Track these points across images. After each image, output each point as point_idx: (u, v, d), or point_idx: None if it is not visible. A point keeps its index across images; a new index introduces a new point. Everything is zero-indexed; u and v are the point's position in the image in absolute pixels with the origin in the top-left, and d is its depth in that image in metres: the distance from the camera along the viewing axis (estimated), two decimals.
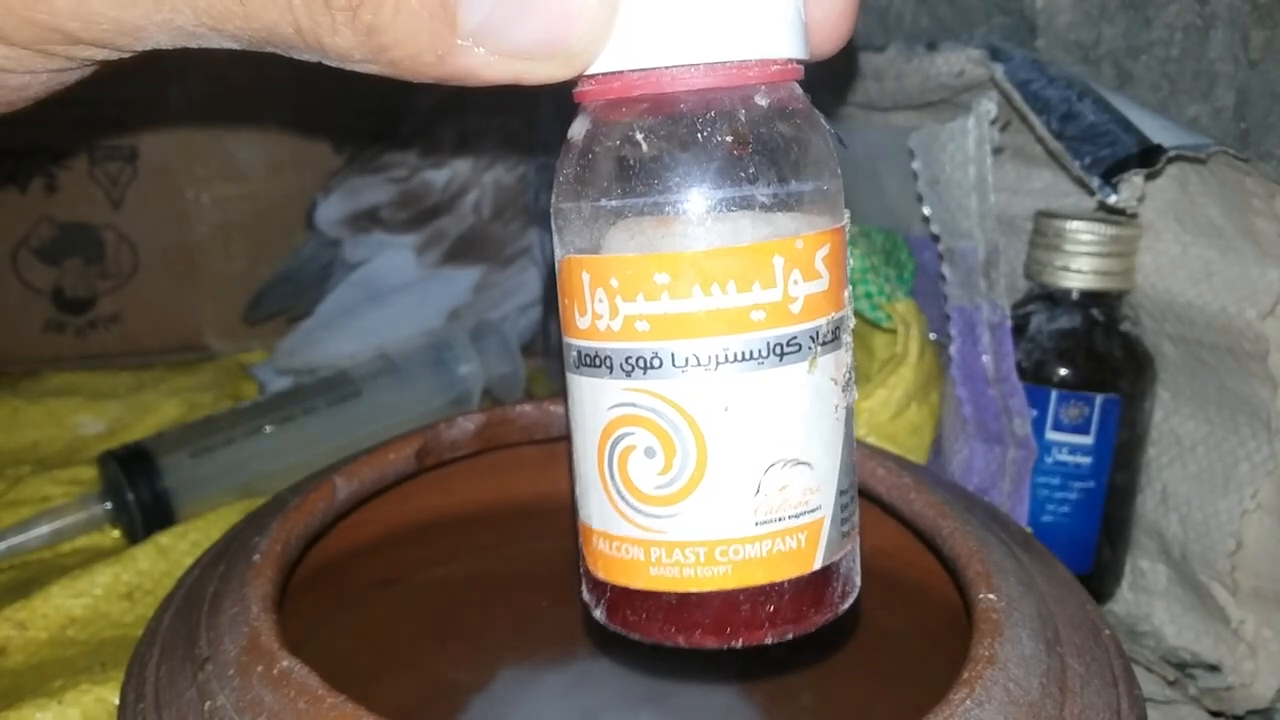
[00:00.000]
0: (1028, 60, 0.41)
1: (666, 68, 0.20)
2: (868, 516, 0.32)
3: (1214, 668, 0.41)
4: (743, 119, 0.21)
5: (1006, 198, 0.46)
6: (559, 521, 0.37)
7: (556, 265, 0.22)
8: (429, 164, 0.56)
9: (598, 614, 0.23)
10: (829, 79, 0.49)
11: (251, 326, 0.62)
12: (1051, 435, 0.42)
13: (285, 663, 0.22)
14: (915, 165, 0.43)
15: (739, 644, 0.22)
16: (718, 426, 0.21)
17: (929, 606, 0.32)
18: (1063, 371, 0.42)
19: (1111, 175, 0.37)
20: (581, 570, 0.24)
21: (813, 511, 0.22)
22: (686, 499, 0.21)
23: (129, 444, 0.46)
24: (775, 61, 0.21)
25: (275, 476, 0.45)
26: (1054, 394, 0.42)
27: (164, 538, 0.42)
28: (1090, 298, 0.42)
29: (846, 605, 0.23)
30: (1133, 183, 0.37)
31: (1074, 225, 0.41)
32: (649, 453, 0.21)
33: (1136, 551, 0.45)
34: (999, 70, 0.41)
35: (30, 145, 0.58)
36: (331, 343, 0.55)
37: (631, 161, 0.21)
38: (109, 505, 0.45)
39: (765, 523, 0.21)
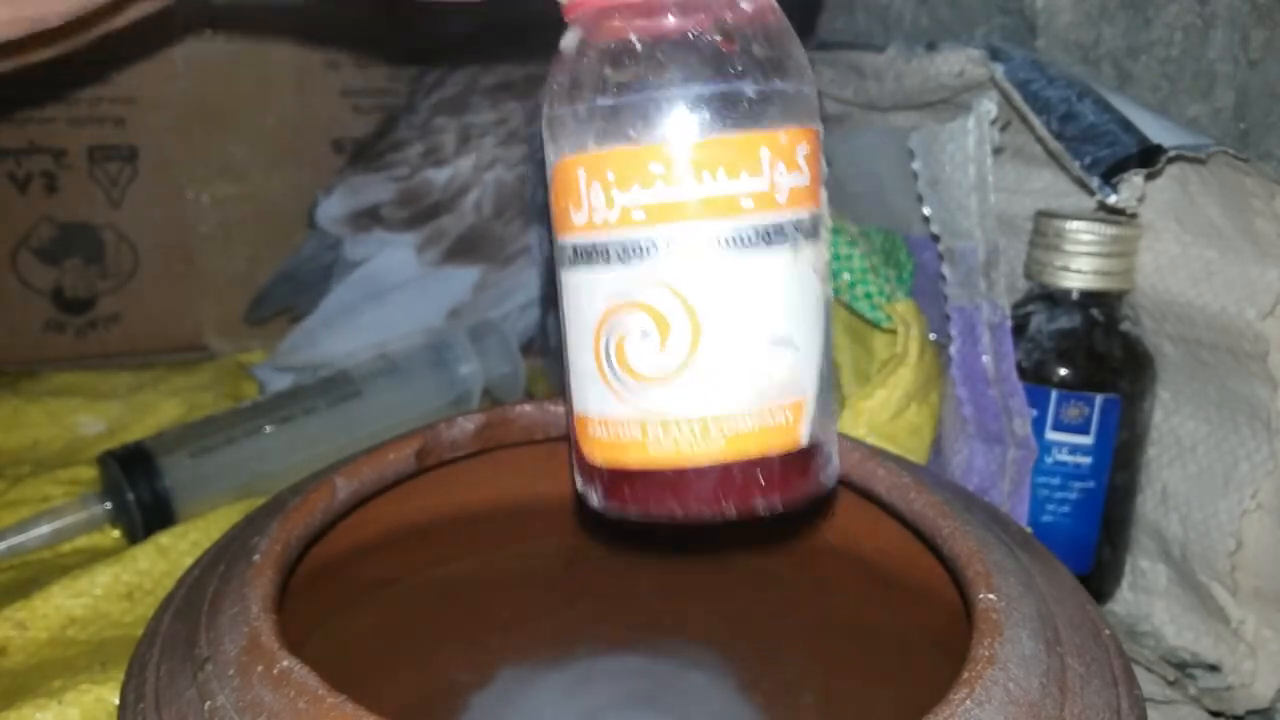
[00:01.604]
0: (1028, 60, 0.41)
1: None
2: (868, 516, 0.32)
3: (1214, 668, 0.41)
4: (729, 19, 0.22)
5: (1006, 198, 0.46)
6: (559, 521, 0.37)
7: (549, 173, 0.24)
8: (430, 163, 0.56)
9: (594, 501, 0.25)
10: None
11: (253, 326, 0.62)
12: (1051, 435, 0.42)
13: (285, 663, 0.22)
14: (915, 165, 0.43)
15: (732, 514, 0.23)
16: (710, 307, 0.22)
17: (929, 606, 0.32)
18: (1063, 371, 0.42)
19: (1111, 175, 0.37)
20: (575, 466, 0.25)
21: (798, 390, 0.23)
22: (682, 376, 0.23)
23: (129, 444, 0.46)
24: None
25: (275, 476, 0.45)
26: (1054, 394, 0.42)
27: (164, 538, 0.42)
28: (1090, 298, 0.42)
29: (829, 481, 0.24)
30: (1133, 183, 0.37)
31: (1074, 225, 0.41)
32: (645, 335, 0.23)
33: (1136, 551, 0.45)
34: (999, 70, 0.41)
35: (30, 145, 0.58)
36: (332, 341, 0.55)
37: (626, 61, 0.22)
38: (109, 505, 0.45)
39: (755, 399, 0.23)
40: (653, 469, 0.23)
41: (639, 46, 0.22)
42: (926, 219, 0.44)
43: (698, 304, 0.22)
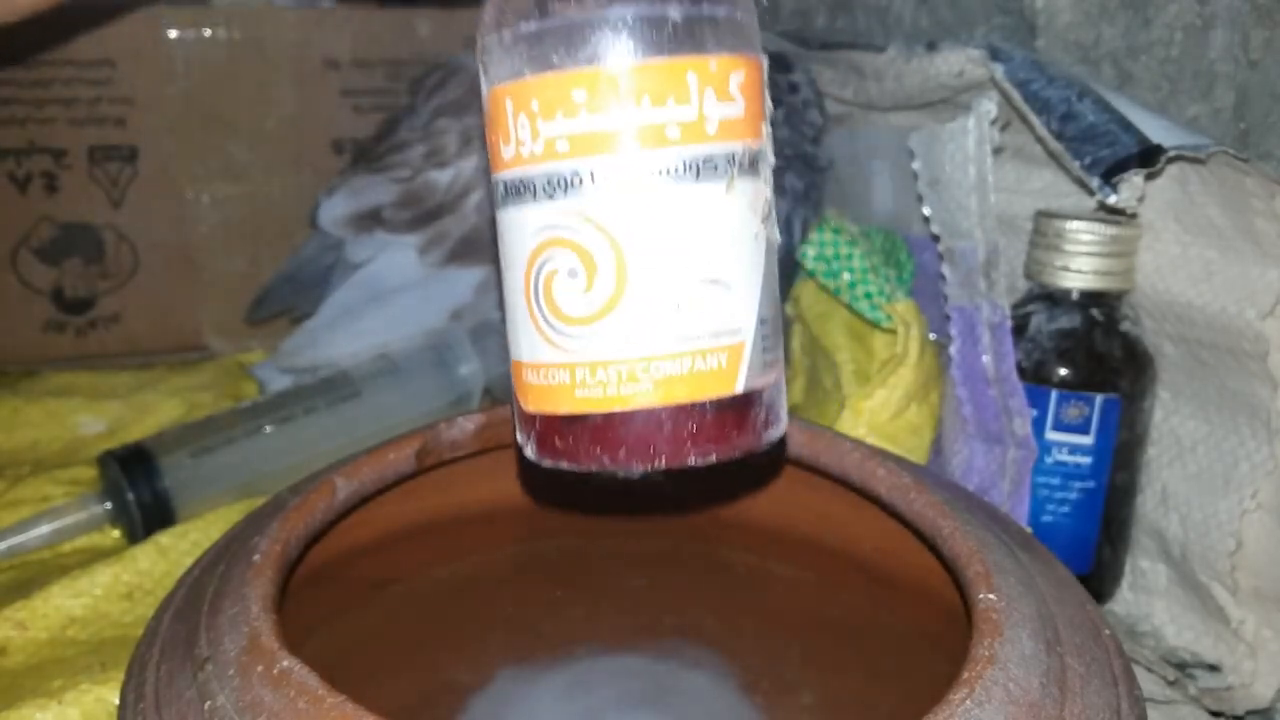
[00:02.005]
0: (1028, 60, 0.41)
1: None
2: (868, 516, 0.32)
3: (1214, 668, 0.41)
4: None
5: (1006, 198, 0.46)
6: (559, 521, 0.37)
7: (485, 100, 0.23)
8: (432, 164, 0.56)
9: (529, 451, 0.24)
10: None
11: (253, 327, 0.62)
12: (1051, 435, 0.42)
13: (285, 663, 0.22)
14: (915, 165, 0.43)
15: (662, 464, 0.22)
16: (636, 243, 0.22)
17: (929, 606, 0.32)
18: (1063, 371, 0.42)
19: (1111, 175, 0.37)
20: (513, 413, 0.24)
21: (733, 333, 0.22)
22: (607, 316, 0.22)
23: (129, 444, 0.46)
24: None
25: (275, 476, 0.45)
26: (1054, 394, 0.42)
27: (164, 538, 0.42)
28: (1090, 298, 0.42)
29: (771, 436, 0.23)
30: (1132, 183, 0.37)
31: (1074, 225, 0.41)
32: (571, 274, 0.22)
33: (1136, 551, 0.45)
34: (999, 70, 0.41)
35: (30, 145, 0.58)
36: (334, 342, 0.55)
37: None
38: (109, 505, 0.45)
39: (685, 340, 0.22)
40: (581, 415, 0.22)
41: None
42: (926, 219, 0.44)
43: (623, 240, 0.21)
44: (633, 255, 0.22)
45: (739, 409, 0.23)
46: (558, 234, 0.22)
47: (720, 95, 0.22)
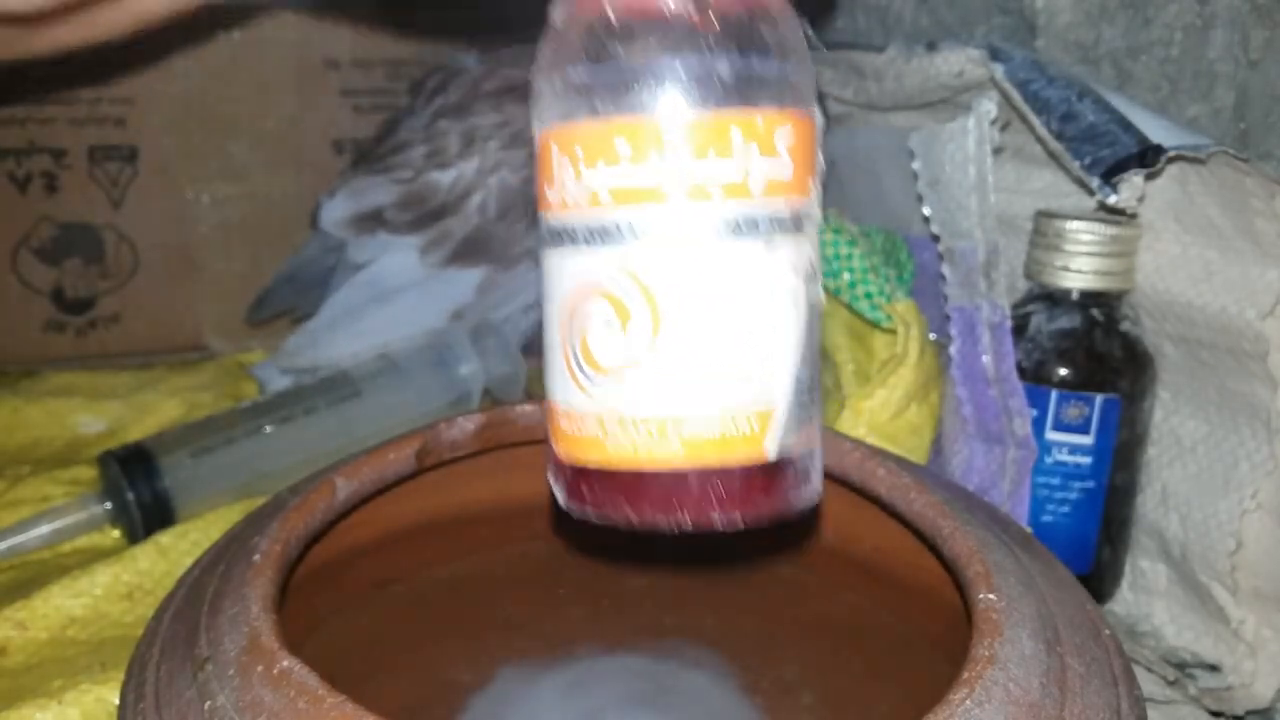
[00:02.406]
0: (1028, 60, 0.41)
1: None
2: (868, 516, 0.32)
3: (1214, 668, 0.41)
4: None
5: (1006, 198, 0.46)
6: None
7: (535, 143, 0.23)
8: (434, 165, 0.56)
9: (558, 497, 0.24)
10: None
11: (255, 327, 0.62)
12: (1051, 435, 0.42)
13: (285, 663, 0.22)
14: (915, 165, 0.43)
15: (688, 524, 0.22)
16: (672, 298, 0.21)
17: (929, 606, 0.32)
18: (1063, 371, 0.42)
19: (1111, 175, 0.37)
20: (548, 460, 0.24)
21: (766, 397, 0.22)
22: (640, 369, 0.22)
23: (129, 444, 0.46)
24: None
25: (275, 476, 0.45)
26: (1054, 394, 0.42)
27: (164, 538, 0.42)
28: (1090, 298, 0.42)
29: (802, 504, 0.23)
30: (1132, 183, 0.37)
31: (1074, 225, 0.41)
32: (607, 323, 0.22)
33: (1136, 551, 0.45)
34: (999, 70, 0.41)
35: (30, 145, 0.58)
36: (335, 343, 0.55)
37: (600, 34, 0.22)
38: (109, 505, 0.45)
39: (715, 403, 0.22)
40: (610, 469, 0.22)
41: (614, 17, 0.21)
42: (926, 219, 0.44)
43: (659, 295, 0.21)
44: (668, 310, 0.21)
45: (769, 474, 0.22)
46: (597, 284, 0.22)
47: (766, 152, 0.21)
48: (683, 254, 0.21)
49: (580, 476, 0.23)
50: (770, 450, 0.22)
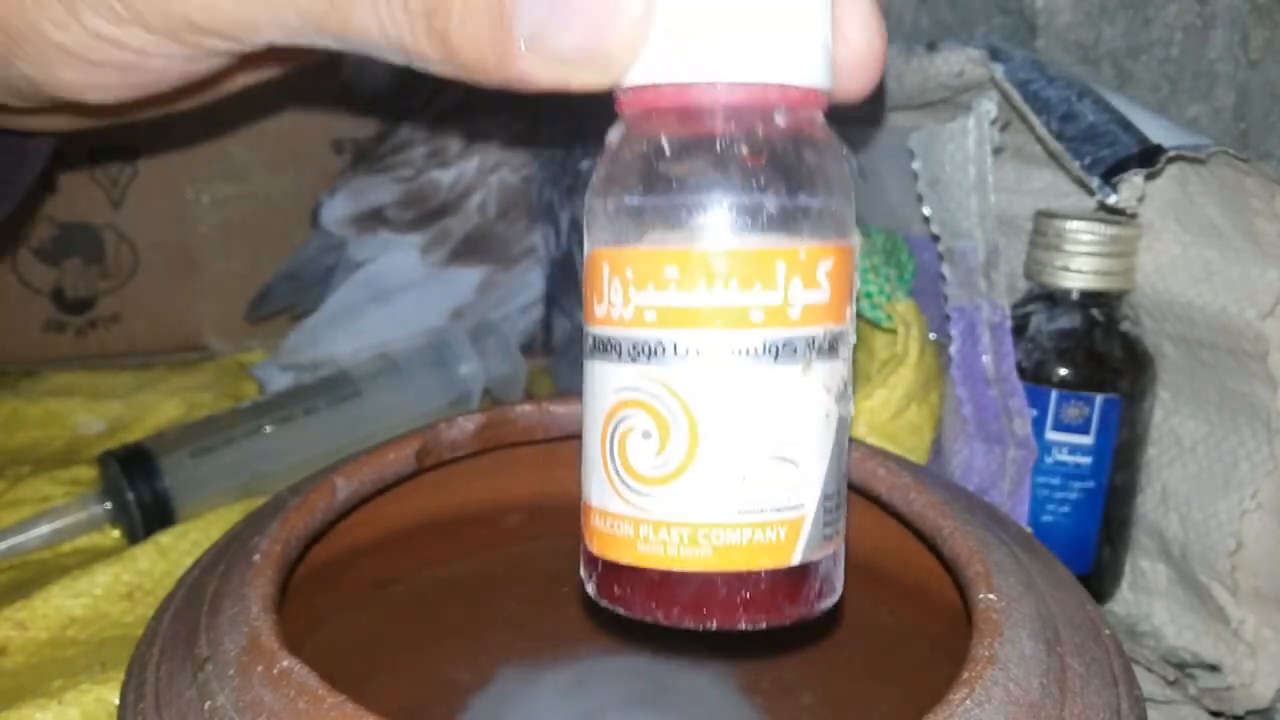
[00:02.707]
0: (1028, 60, 0.41)
1: (694, 83, 0.22)
2: (868, 516, 0.32)
3: (1214, 668, 0.41)
4: (759, 135, 0.22)
5: (1006, 198, 0.46)
6: (559, 521, 0.37)
7: (585, 258, 0.24)
8: (435, 164, 0.56)
9: (589, 588, 0.25)
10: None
11: (254, 324, 0.62)
12: (1051, 435, 0.42)
13: (285, 663, 0.22)
14: (915, 165, 0.43)
15: (714, 626, 0.23)
16: (710, 415, 0.22)
17: (929, 606, 0.32)
18: (1063, 371, 0.42)
19: (1111, 175, 0.37)
20: (580, 548, 0.25)
21: (795, 508, 0.23)
22: (676, 480, 0.23)
23: (129, 444, 0.46)
24: (796, 87, 0.23)
25: (275, 476, 0.45)
26: (1054, 394, 0.42)
27: (164, 538, 0.42)
28: (1090, 298, 0.42)
29: (824, 606, 0.24)
30: (1132, 183, 0.37)
31: (1074, 225, 0.41)
32: (646, 435, 0.23)
33: (1136, 551, 0.45)
34: (999, 70, 0.41)
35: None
36: (335, 340, 0.55)
37: (655, 164, 0.23)
38: (109, 505, 0.45)
39: (747, 512, 0.23)
40: (641, 568, 0.23)
41: (668, 150, 0.22)
42: (926, 219, 0.44)
43: (699, 411, 0.22)
44: (706, 426, 0.22)
45: (794, 579, 0.23)
46: (637, 396, 0.23)
47: (807, 283, 0.22)
48: (722, 374, 0.22)
49: (611, 572, 0.24)
50: (796, 558, 0.23)
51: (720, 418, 0.22)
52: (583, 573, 0.25)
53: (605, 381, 0.23)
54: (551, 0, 0.22)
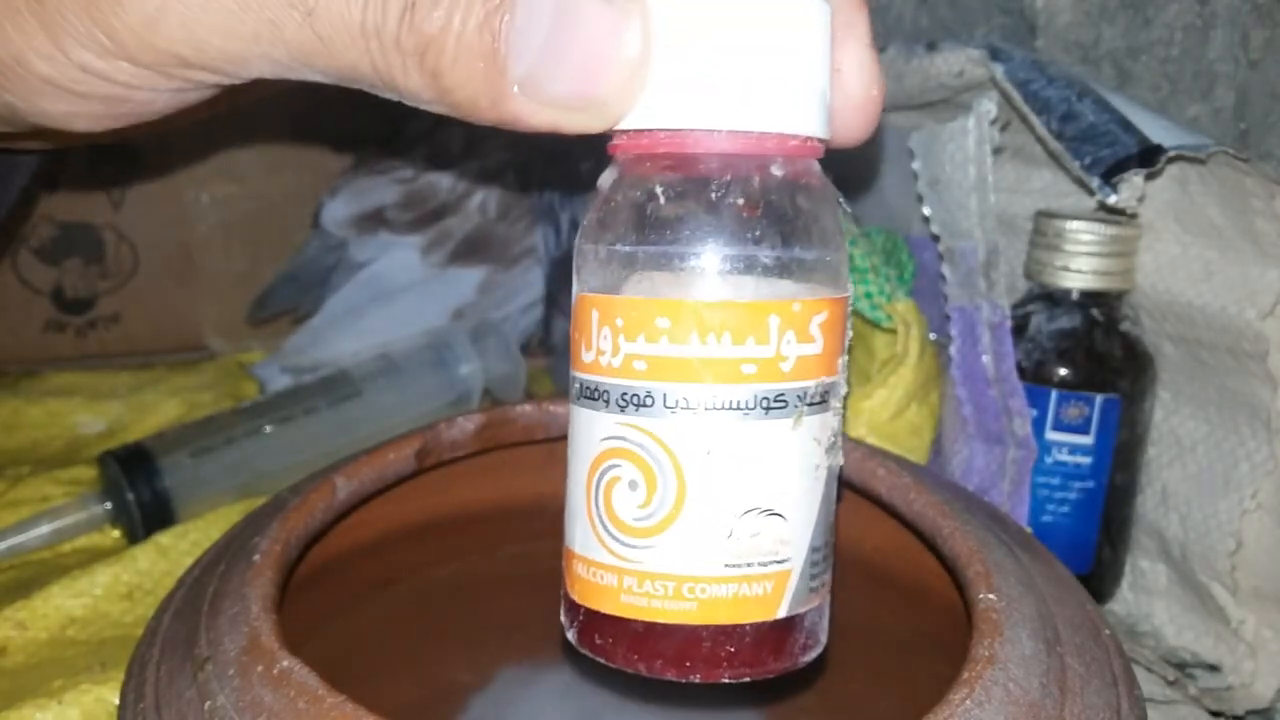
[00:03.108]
0: (1028, 60, 0.41)
1: (691, 130, 0.22)
2: (868, 516, 0.32)
3: (1214, 668, 0.41)
4: (755, 185, 0.22)
5: (1006, 198, 0.46)
6: (559, 521, 0.37)
7: (573, 302, 0.24)
8: (435, 165, 0.56)
9: (570, 635, 0.24)
10: None
11: (256, 326, 0.62)
12: (1051, 435, 0.42)
13: (285, 663, 0.22)
14: (915, 165, 0.43)
15: (697, 679, 0.23)
16: (698, 468, 0.22)
17: (929, 606, 0.32)
18: (1063, 371, 0.42)
19: (1111, 175, 0.37)
20: (561, 593, 0.25)
21: (782, 562, 0.23)
22: (662, 533, 0.22)
23: (129, 444, 0.46)
24: (793, 137, 0.22)
25: (275, 476, 0.45)
26: (1054, 394, 0.42)
27: (164, 538, 0.42)
28: (1090, 298, 0.42)
29: (808, 658, 0.24)
30: (1132, 183, 0.37)
31: (1074, 225, 0.41)
32: (632, 485, 0.22)
33: (1136, 551, 0.45)
34: (999, 70, 0.41)
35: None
36: (337, 342, 0.55)
37: (648, 212, 0.22)
38: (109, 505, 0.45)
39: (734, 565, 0.22)
40: (624, 619, 0.23)
41: (662, 199, 0.22)
42: (926, 219, 0.44)
43: (687, 464, 0.22)
44: (693, 479, 0.22)
45: (779, 633, 0.23)
46: (625, 446, 0.22)
47: (800, 336, 0.22)
48: (712, 427, 0.22)
49: (593, 621, 0.23)
50: (782, 611, 0.23)
51: (708, 471, 0.22)
52: (563, 619, 0.24)
53: (592, 429, 0.23)
54: (546, 43, 0.22)
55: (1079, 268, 0.41)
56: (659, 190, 0.22)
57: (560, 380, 0.58)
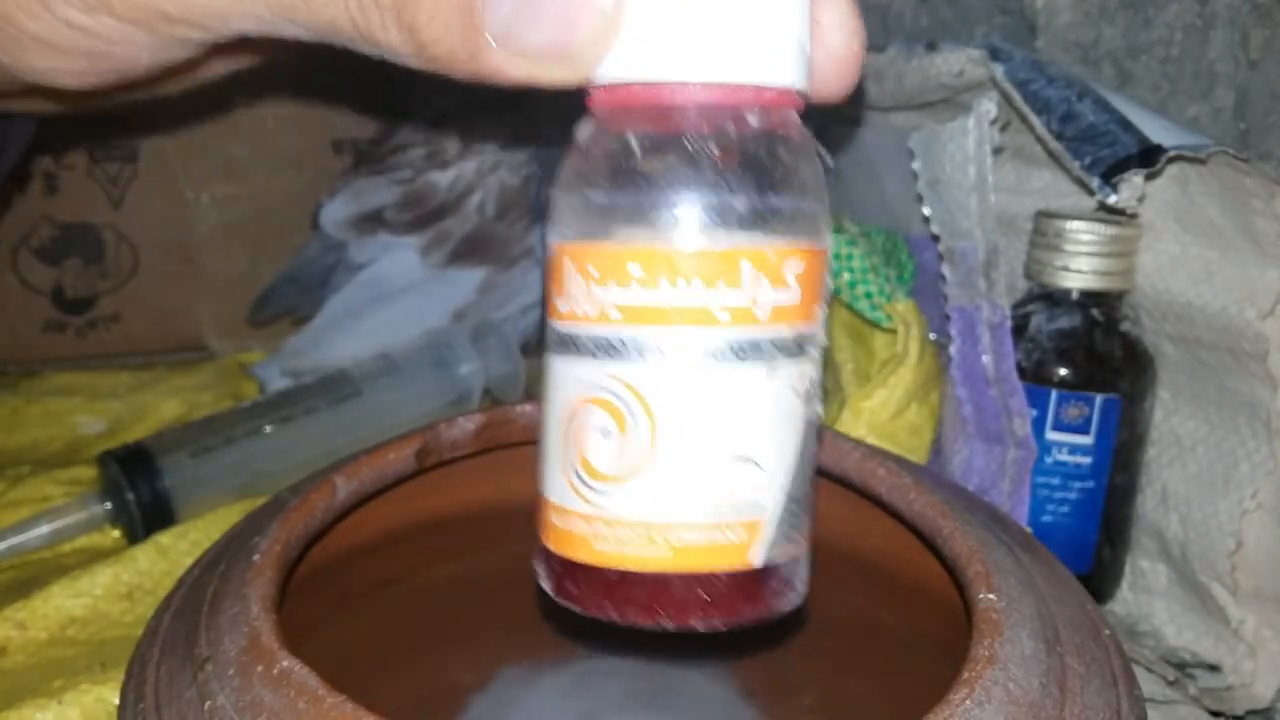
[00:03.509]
0: (1028, 60, 0.41)
1: (667, 82, 0.22)
2: (868, 516, 0.32)
3: (1214, 668, 0.41)
4: (731, 135, 0.22)
5: (1006, 198, 0.46)
6: None
7: (547, 252, 0.24)
8: (433, 165, 0.56)
9: (544, 584, 0.24)
10: None
11: (256, 327, 0.62)
12: (1051, 435, 0.42)
13: (285, 663, 0.22)
14: (915, 165, 0.43)
15: (670, 625, 0.23)
16: (671, 415, 0.22)
17: (929, 606, 0.32)
18: (1063, 371, 0.42)
19: (1111, 175, 0.37)
20: (536, 543, 0.25)
21: (757, 510, 0.23)
22: (634, 480, 0.22)
23: (129, 444, 0.46)
24: (770, 88, 0.22)
25: (275, 476, 0.45)
26: (1054, 394, 0.42)
27: (164, 538, 0.42)
28: (1090, 298, 0.42)
29: (784, 608, 0.24)
30: (1132, 183, 0.37)
31: (1074, 225, 0.41)
32: (605, 432, 0.22)
33: (1136, 551, 0.45)
34: (999, 70, 0.41)
35: (30, 145, 0.58)
36: (337, 343, 0.55)
37: (624, 161, 0.22)
38: (109, 505, 0.45)
39: (707, 513, 0.22)
40: (597, 567, 0.23)
41: (637, 148, 0.22)
42: (926, 219, 0.44)
43: (659, 411, 0.22)
44: (666, 426, 0.22)
45: (753, 581, 0.23)
46: (597, 393, 0.22)
47: (775, 283, 0.22)
48: (685, 373, 0.22)
49: (566, 569, 0.23)
50: (756, 559, 0.23)
51: (681, 417, 0.22)
52: (538, 568, 0.24)
53: (566, 377, 0.23)
54: None
55: (1079, 268, 0.41)
56: (634, 142, 0.22)
57: None
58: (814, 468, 0.24)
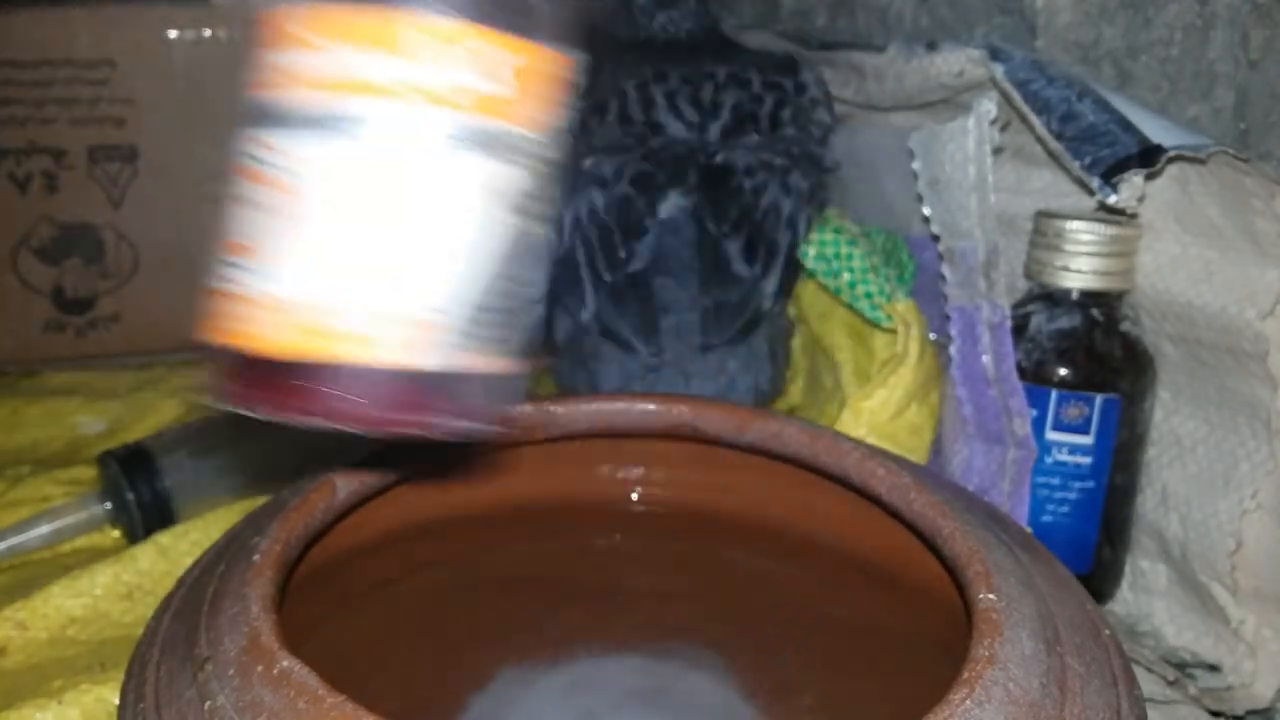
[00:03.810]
0: (1028, 60, 0.41)
1: None
2: (868, 516, 0.32)
3: (1214, 668, 0.41)
4: None
5: (1006, 198, 0.46)
6: (560, 521, 0.37)
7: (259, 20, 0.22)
8: None
9: (212, 391, 0.23)
10: None
11: None
12: (1051, 435, 0.42)
13: (285, 663, 0.22)
14: (915, 165, 0.43)
15: (320, 421, 0.21)
16: (342, 191, 0.20)
17: (929, 606, 0.32)
18: (1063, 371, 0.42)
19: (1111, 175, 0.37)
20: (199, 334, 0.23)
21: (431, 306, 0.21)
22: (291, 259, 0.21)
23: (129, 444, 0.46)
24: None
25: (275, 477, 0.45)
26: (1054, 394, 0.42)
27: (164, 538, 0.42)
28: (1090, 298, 0.42)
29: (457, 426, 0.22)
30: (1132, 183, 0.37)
31: (1074, 225, 0.41)
32: (253, 205, 0.21)
33: (1136, 551, 0.45)
34: (999, 70, 0.41)
35: (30, 145, 0.58)
36: None
37: None
38: (109, 505, 0.45)
39: (372, 302, 0.20)
40: (252, 355, 0.21)
41: None
42: (926, 219, 0.44)
43: (328, 186, 0.20)
44: (335, 203, 0.20)
45: (420, 386, 0.21)
46: (252, 164, 0.21)
47: (487, 73, 0.20)
48: (363, 150, 0.20)
49: (226, 358, 0.22)
50: (425, 359, 0.21)
51: (354, 196, 0.20)
52: (206, 374, 0.22)
53: (240, 147, 0.21)
54: None
55: (1079, 268, 0.41)
56: None
57: (560, 380, 0.58)
58: (529, 287, 0.22)
